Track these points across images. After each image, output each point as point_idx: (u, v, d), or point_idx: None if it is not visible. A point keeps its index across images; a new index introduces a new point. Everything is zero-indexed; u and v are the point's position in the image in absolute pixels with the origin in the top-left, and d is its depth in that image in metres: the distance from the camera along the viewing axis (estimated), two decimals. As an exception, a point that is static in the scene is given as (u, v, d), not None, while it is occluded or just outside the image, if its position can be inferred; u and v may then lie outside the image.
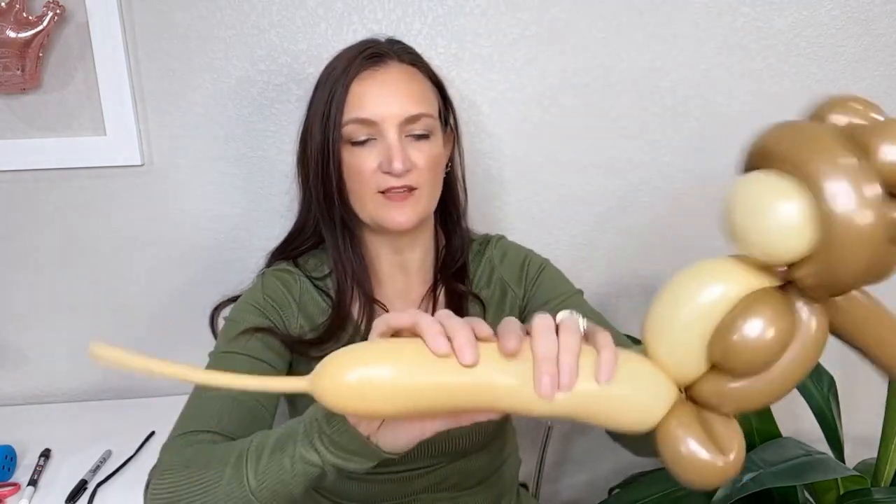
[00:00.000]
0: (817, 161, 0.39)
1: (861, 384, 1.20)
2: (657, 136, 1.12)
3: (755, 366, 0.44)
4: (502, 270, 0.89)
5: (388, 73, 0.77)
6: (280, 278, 0.84)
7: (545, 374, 0.43)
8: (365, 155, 0.77)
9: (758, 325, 0.42)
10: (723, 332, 0.43)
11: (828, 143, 0.39)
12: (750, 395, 0.45)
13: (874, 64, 1.10)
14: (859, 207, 0.38)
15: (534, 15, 1.06)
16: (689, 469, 0.45)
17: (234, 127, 1.09)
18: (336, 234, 0.83)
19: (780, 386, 0.45)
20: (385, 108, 0.76)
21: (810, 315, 0.44)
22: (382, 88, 0.76)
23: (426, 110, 0.78)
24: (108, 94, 1.05)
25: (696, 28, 1.08)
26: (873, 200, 0.38)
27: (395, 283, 0.86)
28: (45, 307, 1.16)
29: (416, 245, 0.85)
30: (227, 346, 0.77)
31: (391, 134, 0.75)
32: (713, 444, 0.45)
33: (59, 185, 1.10)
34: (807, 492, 1.01)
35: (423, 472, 0.83)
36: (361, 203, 0.79)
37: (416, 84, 0.79)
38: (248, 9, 1.04)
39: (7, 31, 0.99)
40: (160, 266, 1.15)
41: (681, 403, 0.47)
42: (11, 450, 0.96)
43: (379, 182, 0.77)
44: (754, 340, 0.42)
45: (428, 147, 0.78)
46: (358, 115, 0.76)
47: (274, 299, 0.82)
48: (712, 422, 0.46)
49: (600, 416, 0.46)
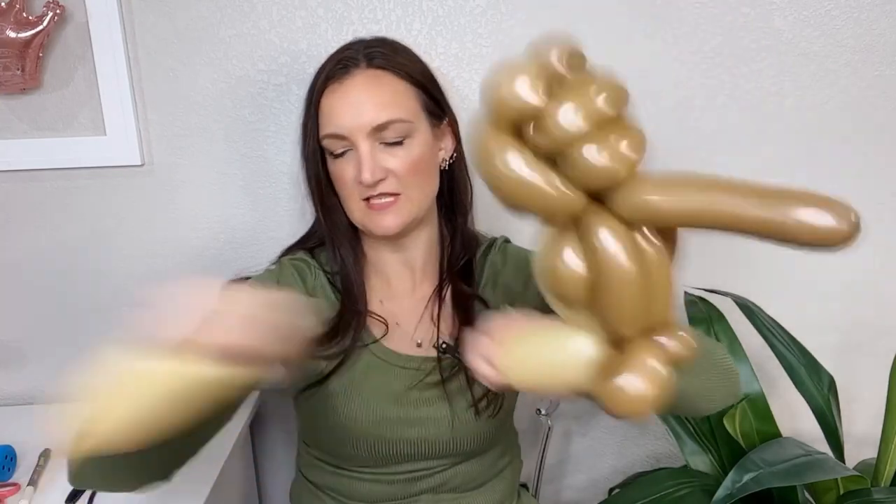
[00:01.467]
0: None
1: (861, 384, 1.20)
2: (657, 136, 1.11)
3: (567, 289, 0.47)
4: (506, 274, 0.88)
5: (351, 84, 0.76)
6: (297, 268, 0.85)
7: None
8: (344, 166, 0.78)
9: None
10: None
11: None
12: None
13: (874, 64, 1.10)
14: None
15: (534, 15, 1.06)
16: (622, 402, 0.45)
17: (234, 127, 1.09)
18: (333, 239, 0.84)
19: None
20: (350, 120, 0.75)
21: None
22: (345, 100, 0.76)
23: (396, 115, 0.76)
24: (108, 94, 1.05)
25: (696, 28, 1.08)
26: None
27: (402, 282, 0.87)
28: (45, 307, 1.16)
29: (418, 242, 0.85)
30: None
31: (361, 145, 0.75)
32: (644, 377, 0.45)
33: (59, 185, 1.10)
34: (807, 492, 1.01)
35: (427, 474, 0.84)
36: (351, 210, 0.81)
37: (384, 89, 0.77)
38: (248, 9, 1.04)
39: (7, 31, 0.99)
40: (159, 266, 1.14)
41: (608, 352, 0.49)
42: (11, 450, 0.96)
43: (361, 191, 0.77)
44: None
45: (404, 152, 0.77)
46: (329, 130, 0.77)
47: (287, 284, 0.83)
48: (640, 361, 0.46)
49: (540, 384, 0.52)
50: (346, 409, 0.80)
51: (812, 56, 1.09)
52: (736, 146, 1.13)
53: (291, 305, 0.53)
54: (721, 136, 1.12)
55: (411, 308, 0.86)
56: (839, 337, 1.22)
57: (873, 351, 1.19)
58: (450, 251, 0.88)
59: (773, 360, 1.03)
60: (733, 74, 1.10)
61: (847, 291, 1.20)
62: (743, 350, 1.07)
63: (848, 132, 1.13)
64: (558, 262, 0.46)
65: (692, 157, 1.13)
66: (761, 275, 1.17)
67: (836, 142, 1.13)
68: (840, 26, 1.08)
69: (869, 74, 1.10)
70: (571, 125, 0.41)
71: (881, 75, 1.10)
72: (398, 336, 0.85)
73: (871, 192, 1.16)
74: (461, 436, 0.82)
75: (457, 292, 0.86)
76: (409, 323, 0.86)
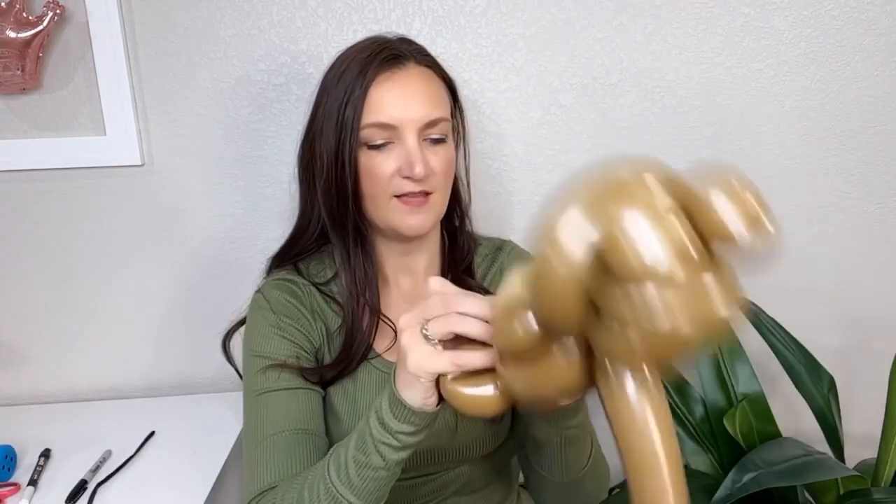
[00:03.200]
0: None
1: (861, 384, 1.20)
2: (657, 136, 1.12)
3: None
4: None
5: (407, 76, 0.76)
6: (284, 289, 0.82)
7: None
8: (382, 159, 0.75)
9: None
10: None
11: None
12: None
13: (874, 64, 1.10)
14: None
15: (534, 15, 1.06)
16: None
17: (234, 127, 1.09)
18: (347, 239, 0.81)
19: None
20: (405, 112, 0.74)
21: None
22: (402, 91, 0.75)
23: (444, 114, 0.77)
24: (108, 94, 1.05)
25: (696, 28, 1.08)
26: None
27: (401, 287, 0.86)
28: (45, 307, 1.16)
29: (424, 248, 0.85)
30: (262, 385, 0.77)
31: (410, 138, 0.74)
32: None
33: (59, 185, 1.10)
34: (807, 492, 1.01)
35: (430, 478, 0.83)
36: (376, 207, 0.78)
37: (434, 87, 0.78)
38: (248, 9, 1.04)
39: (7, 31, 0.99)
40: (160, 266, 1.15)
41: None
42: (11, 450, 0.96)
43: (396, 186, 0.76)
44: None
45: (444, 151, 0.78)
46: (377, 119, 0.74)
47: (287, 314, 0.80)
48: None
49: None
50: (350, 423, 0.80)
51: (812, 56, 1.09)
52: (736, 146, 1.13)
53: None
54: (721, 136, 1.12)
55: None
56: (839, 337, 1.22)
57: (873, 351, 1.19)
58: (451, 253, 0.87)
59: (773, 360, 1.03)
60: (733, 74, 1.10)
61: (847, 292, 1.20)
62: (743, 350, 1.07)
63: (848, 132, 1.13)
64: (518, 330, 0.46)
65: (693, 158, 1.13)
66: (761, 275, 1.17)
67: (836, 142, 1.13)
68: (840, 26, 1.08)
69: (869, 74, 1.10)
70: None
71: (881, 75, 1.10)
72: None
73: (871, 192, 1.16)
74: (464, 441, 0.82)
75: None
76: None
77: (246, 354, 0.80)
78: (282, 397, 0.76)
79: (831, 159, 1.14)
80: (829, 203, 1.16)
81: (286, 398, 0.76)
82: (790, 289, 1.17)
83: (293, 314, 0.80)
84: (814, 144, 1.13)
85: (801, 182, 1.15)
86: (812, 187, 1.15)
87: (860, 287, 1.20)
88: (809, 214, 1.16)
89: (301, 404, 0.76)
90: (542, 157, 1.13)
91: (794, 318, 1.07)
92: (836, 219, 1.16)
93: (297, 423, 0.75)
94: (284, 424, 0.74)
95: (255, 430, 0.75)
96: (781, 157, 1.13)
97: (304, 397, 0.77)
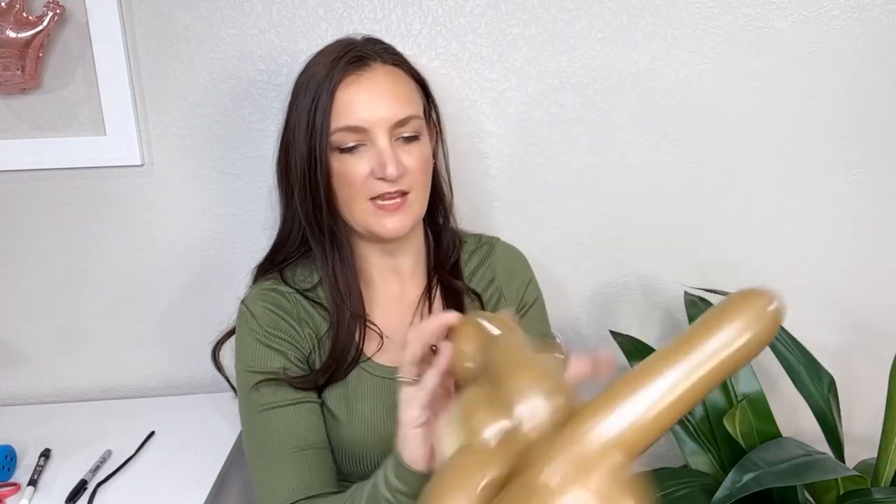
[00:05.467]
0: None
1: (861, 384, 1.20)
2: (657, 136, 1.12)
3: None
4: (502, 282, 0.89)
5: (373, 77, 0.75)
6: (268, 300, 0.81)
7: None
8: (354, 162, 0.75)
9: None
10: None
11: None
12: None
13: (874, 64, 1.10)
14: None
15: (534, 15, 1.06)
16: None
17: (234, 127, 1.09)
18: (325, 245, 0.80)
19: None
20: (373, 113, 0.74)
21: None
22: (369, 93, 0.74)
23: (414, 111, 0.77)
24: (108, 94, 1.05)
25: (696, 28, 1.08)
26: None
27: (389, 289, 0.85)
28: (45, 307, 1.15)
29: (408, 248, 0.84)
30: (260, 400, 0.77)
31: (381, 139, 0.74)
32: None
33: (59, 185, 1.10)
34: (807, 492, 1.01)
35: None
36: (351, 211, 0.77)
37: (402, 85, 0.77)
38: (248, 9, 1.04)
39: (7, 31, 0.99)
40: (160, 266, 1.14)
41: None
42: (11, 450, 0.96)
43: (371, 188, 0.75)
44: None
45: (418, 149, 0.77)
46: (346, 122, 0.74)
47: (272, 326, 0.80)
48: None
49: None
50: (348, 428, 0.80)
51: (812, 56, 1.09)
52: (736, 146, 1.13)
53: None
54: (721, 136, 1.12)
55: (399, 316, 0.85)
56: (839, 337, 1.22)
57: (873, 351, 1.19)
58: (436, 251, 0.87)
59: (773, 360, 1.03)
60: (733, 74, 1.10)
61: (847, 292, 1.20)
62: (743, 350, 1.06)
63: (848, 132, 1.13)
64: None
65: (693, 158, 1.13)
66: (761, 275, 1.17)
67: (837, 142, 1.13)
68: (840, 26, 1.08)
69: (869, 74, 1.10)
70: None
71: (881, 75, 1.10)
72: (389, 348, 0.83)
73: (871, 192, 1.16)
74: None
75: (447, 289, 0.85)
76: (398, 332, 0.84)
77: (239, 371, 0.80)
78: (282, 413, 0.76)
79: (831, 159, 1.14)
80: (829, 203, 1.16)
81: (287, 414, 0.76)
82: (790, 289, 1.18)
83: (279, 325, 0.80)
84: (814, 144, 1.13)
85: (801, 182, 1.15)
86: (812, 187, 1.15)
87: (860, 287, 1.20)
88: (809, 214, 1.16)
89: (303, 419, 0.77)
90: (542, 157, 1.13)
91: (794, 318, 1.06)
92: (836, 219, 1.17)
93: (302, 440, 0.76)
94: (291, 441, 0.75)
95: (262, 447, 0.76)
96: (781, 157, 1.13)
97: (305, 411, 0.77)
